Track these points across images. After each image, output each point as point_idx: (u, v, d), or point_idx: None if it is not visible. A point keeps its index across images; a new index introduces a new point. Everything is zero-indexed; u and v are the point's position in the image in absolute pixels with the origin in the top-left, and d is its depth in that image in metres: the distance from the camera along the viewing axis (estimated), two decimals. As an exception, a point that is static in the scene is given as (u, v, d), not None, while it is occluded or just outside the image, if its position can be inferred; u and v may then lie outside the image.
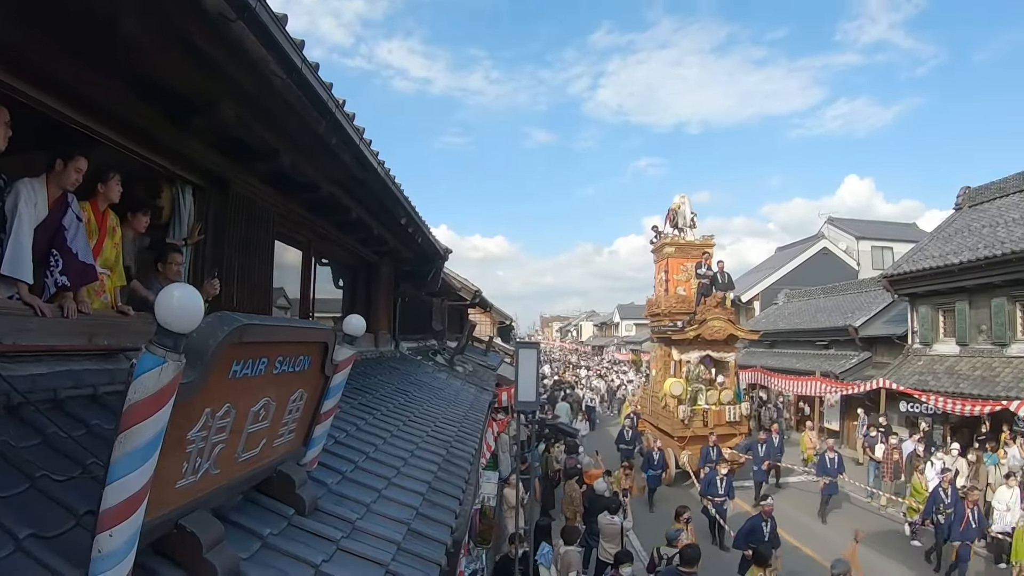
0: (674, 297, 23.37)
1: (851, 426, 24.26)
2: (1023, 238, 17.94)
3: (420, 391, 8.93)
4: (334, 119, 4.64)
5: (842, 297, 31.46)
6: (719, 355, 21.39)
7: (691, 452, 19.23)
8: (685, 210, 23.95)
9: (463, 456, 6.24)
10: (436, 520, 4.29)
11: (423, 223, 8.97)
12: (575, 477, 14.98)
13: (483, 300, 23.05)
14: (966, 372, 19.11)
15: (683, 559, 8.38)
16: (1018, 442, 15.64)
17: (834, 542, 14.25)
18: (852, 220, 49.57)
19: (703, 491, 15.41)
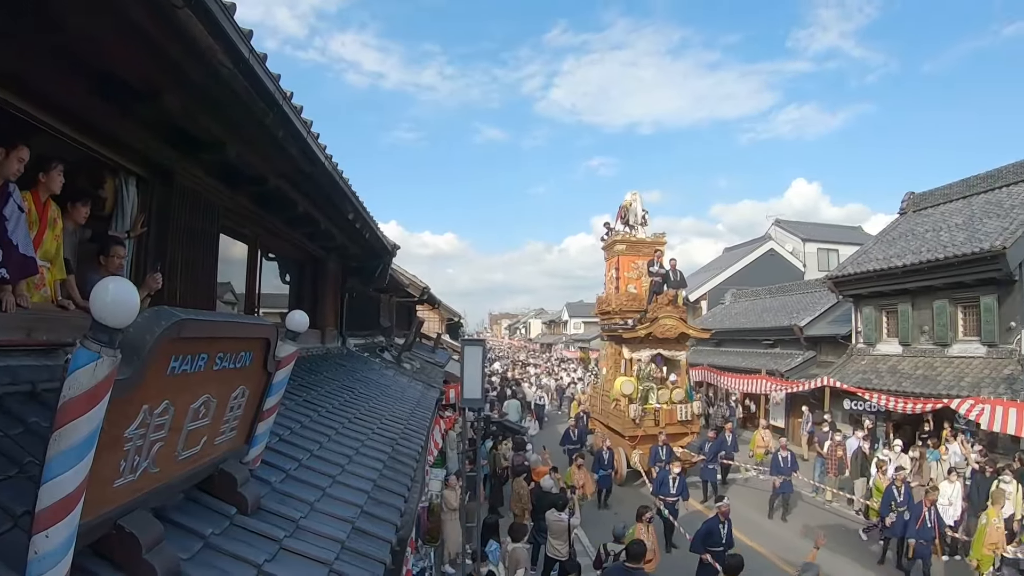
0: (625, 295, 23.01)
1: (796, 423, 24.71)
2: (965, 242, 18.41)
3: (367, 388, 8.84)
4: (281, 111, 4.56)
5: (788, 297, 32.03)
6: (670, 353, 21.19)
7: (642, 451, 19.07)
8: (636, 207, 23.72)
9: (409, 453, 6.19)
10: (381, 518, 4.24)
11: (371, 219, 8.89)
12: (523, 474, 14.99)
13: (431, 297, 23.01)
14: (908, 371, 19.56)
15: (629, 555, 8.35)
16: (959, 439, 16.21)
17: (787, 540, 14.66)
18: (799, 222, 50.36)
19: (655, 491, 15.17)
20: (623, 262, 23.34)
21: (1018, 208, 18.48)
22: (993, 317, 17.72)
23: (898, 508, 12.75)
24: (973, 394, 16.14)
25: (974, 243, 17.92)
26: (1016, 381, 15.84)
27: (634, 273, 23.13)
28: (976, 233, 18.65)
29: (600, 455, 17.97)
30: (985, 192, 21.37)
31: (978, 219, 19.66)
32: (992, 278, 17.46)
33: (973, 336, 18.64)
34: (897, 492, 13.13)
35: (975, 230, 18.94)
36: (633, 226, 23.67)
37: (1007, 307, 17.50)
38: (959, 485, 13.83)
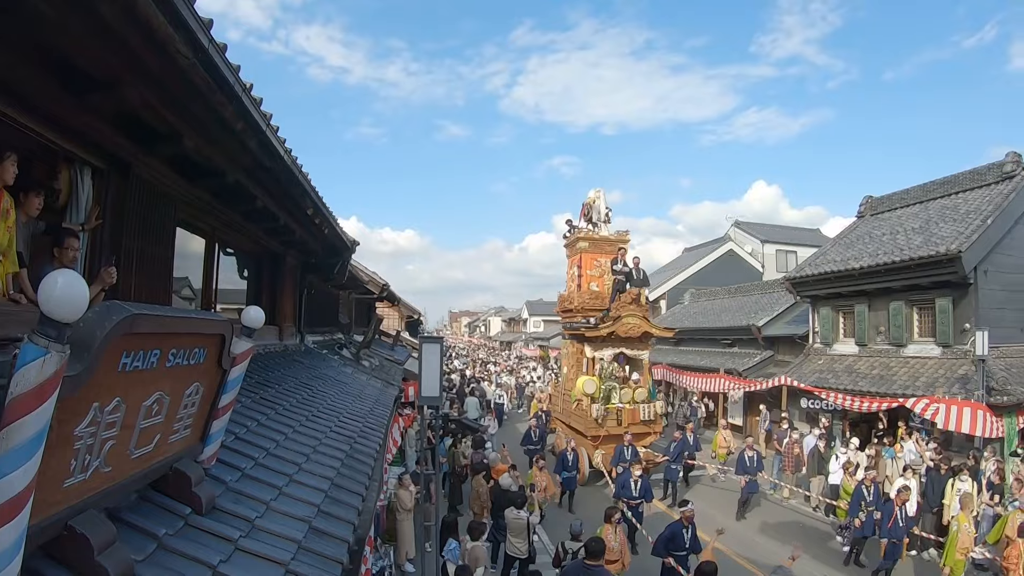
0: (587, 293, 22.68)
1: (754, 421, 24.94)
2: (921, 246, 18.75)
3: (325, 385, 8.75)
4: (240, 104, 4.48)
5: (746, 298, 32.34)
6: (633, 353, 21.11)
7: (605, 451, 18.86)
8: (600, 205, 23.46)
9: (367, 452, 6.13)
10: (338, 517, 4.19)
11: (330, 214, 8.80)
12: (482, 472, 14.94)
13: (391, 294, 22.85)
14: (864, 371, 19.89)
15: (588, 552, 8.32)
16: (914, 437, 16.57)
17: (753, 540, 14.76)
18: (758, 224, 50.89)
19: (617, 493, 14.79)
20: (586, 260, 23.00)
21: (973, 213, 18.83)
22: (948, 319, 18.11)
23: (868, 508, 12.80)
24: (928, 393, 16.47)
25: (930, 247, 18.23)
26: (970, 381, 16.12)
27: (597, 271, 22.90)
28: (932, 237, 18.96)
29: (564, 456, 17.48)
30: (941, 197, 21.75)
31: (934, 223, 19.99)
32: (947, 281, 17.83)
33: (928, 337, 19.03)
34: (867, 492, 13.15)
35: (931, 234, 19.27)
36: (596, 223, 23.41)
37: (961, 309, 17.91)
38: (914, 482, 14.07)
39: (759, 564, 13.24)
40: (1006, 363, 17.37)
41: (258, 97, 4.81)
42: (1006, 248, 18.61)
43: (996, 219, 18.02)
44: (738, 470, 16.84)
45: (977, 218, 18.22)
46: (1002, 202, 18.66)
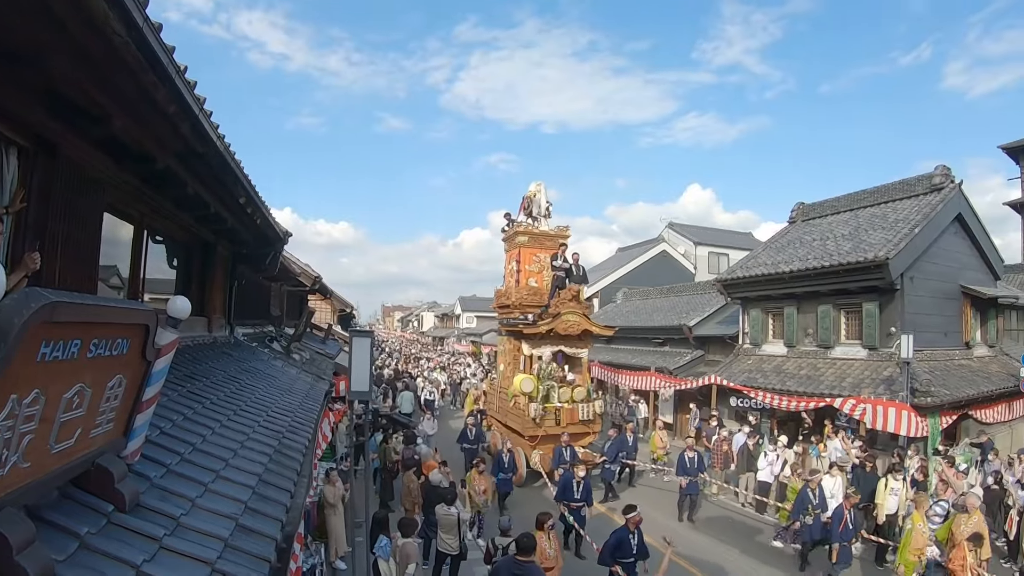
0: (525, 289, 21.87)
1: (684, 419, 25.24)
2: (851, 252, 19.31)
3: (254, 379, 8.56)
4: (173, 86, 4.32)
5: (678, 298, 32.89)
6: (572, 351, 20.43)
7: (543, 452, 18.41)
8: (541, 199, 22.84)
9: (296, 447, 5.99)
10: (266, 514, 4.07)
11: (263, 204, 8.60)
12: (413, 468, 14.81)
13: (323, 286, 22.54)
14: (792, 371, 20.40)
15: (519, 548, 8.26)
16: (840, 435, 16.93)
17: (697, 543, 14.67)
18: (692, 226, 51.69)
19: (559, 496, 14.30)
20: (524, 254, 22.22)
21: (902, 222, 19.46)
22: (875, 322, 18.72)
23: (814, 511, 12.84)
24: (854, 394, 17.10)
25: (859, 253, 18.78)
26: (895, 382, 16.67)
27: (536, 266, 22.23)
28: (861, 243, 19.55)
29: (500, 457, 16.80)
30: (871, 206, 22.49)
31: (864, 230, 20.61)
32: (875, 286, 18.45)
33: (855, 340, 19.63)
34: (812, 495, 13.14)
35: (860, 240, 19.87)
36: (536, 218, 22.77)
37: (888, 313, 18.52)
38: (840, 478, 14.36)
39: (690, 559, 13.35)
40: (930, 366, 18.00)
41: (192, 80, 4.66)
42: (932, 256, 19.44)
43: (923, 228, 18.70)
44: (679, 471, 16.63)
45: (905, 227, 18.86)
46: (930, 212, 19.37)
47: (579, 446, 18.29)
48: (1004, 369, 21.03)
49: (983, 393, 18.05)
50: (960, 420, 18.22)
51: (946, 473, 13.81)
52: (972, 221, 21.51)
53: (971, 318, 21.48)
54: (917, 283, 18.85)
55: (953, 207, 20.46)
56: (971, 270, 21.79)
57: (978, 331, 22.11)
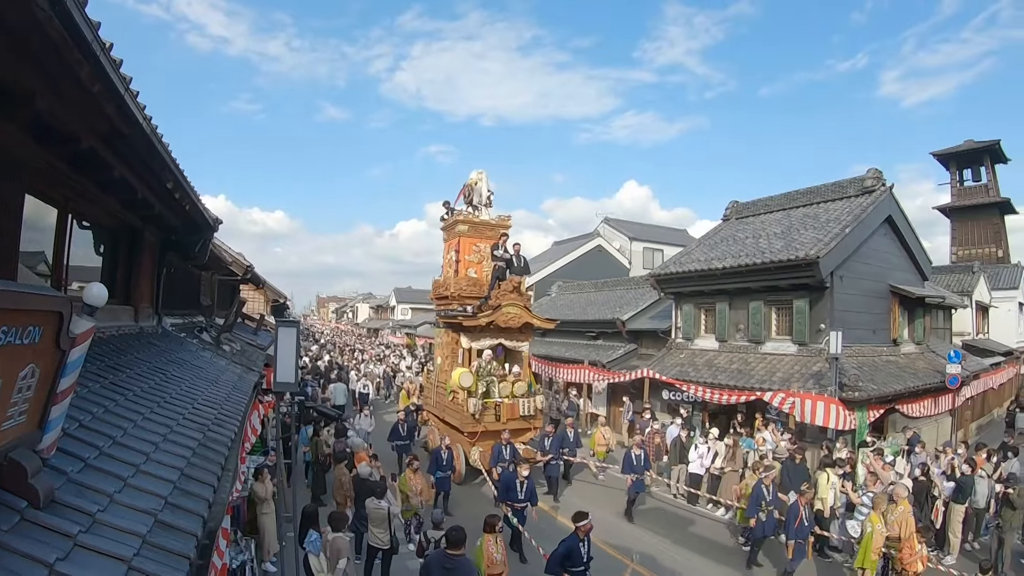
0: (464, 279, 21.13)
1: (617, 412, 25.44)
2: (782, 250, 19.69)
3: (180, 370, 8.33)
4: (98, 64, 4.15)
5: (612, 292, 33.13)
6: (512, 344, 20.00)
7: (482, 449, 18.02)
8: (482, 187, 22.01)
9: (221, 440, 5.82)
10: (187, 510, 3.93)
11: (192, 189, 8.36)
12: (344, 461, 14.63)
13: (255, 276, 22.09)
14: (724, 365, 20.72)
15: (449, 542, 8.23)
16: (770, 428, 17.46)
17: (631, 533, 14.84)
18: (627, 222, 52.14)
19: (501, 496, 13.74)
20: (464, 244, 21.49)
21: (833, 222, 19.93)
22: (804, 319, 19.13)
23: (767, 508, 12.91)
24: (784, 388, 17.42)
25: (791, 251, 19.14)
26: (824, 377, 17.08)
27: (475, 256, 21.53)
28: (793, 242, 19.93)
29: (438, 454, 16.21)
30: (804, 206, 23.00)
31: (796, 230, 21.05)
32: (805, 284, 18.82)
33: (785, 335, 20.03)
34: (766, 491, 13.11)
35: (792, 239, 20.27)
36: (477, 206, 22.02)
37: (817, 310, 18.94)
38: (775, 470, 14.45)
39: (621, 549, 13.46)
40: (858, 362, 18.44)
41: (118, 59, 4.49)
42: (862, 256, 19.97)
43: (854, 229, 19.17)
44: (624, 469, 16.34)
45: (836, 227, 19.33)
46: (860, 213, 19.87)
47: (519, 442, 18.03)
48: (930, 366, 21.72)
49: (910, 389, 18.62)
50: (887, 414, 18.75)
51: (874, 465, 14.21)
52: (902, 223, 22.23)
53: (899, 316, 22.12)
54: (847, 282, 19.31)
55: (884, 209, 21.05)
56: (900, 270, 22.48)
57: (906, 329, 22.74)
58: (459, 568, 8.06)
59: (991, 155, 48.95)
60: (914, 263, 23.49)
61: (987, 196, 49.11)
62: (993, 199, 48.87)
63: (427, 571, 8.32)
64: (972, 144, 48.91)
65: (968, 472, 14.02)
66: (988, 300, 36.07)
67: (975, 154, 49.38)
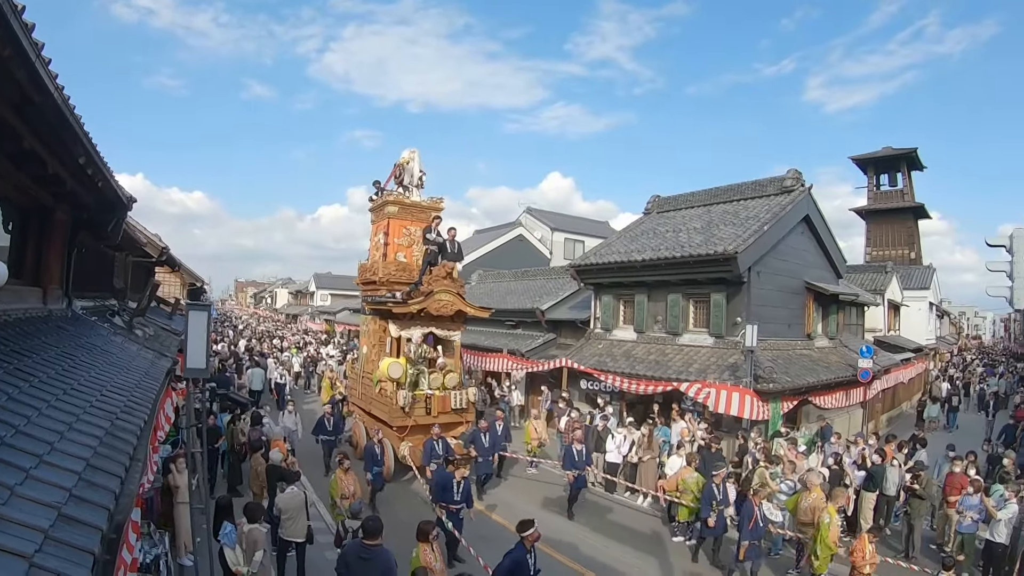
0: (393, 263, 20.06)
1: (535, 401, 25.42)
2: (701, 244, 20.05)
3: (90, 356, 8.01)
4: (8, 27, 3.94)
5: (532, 281, 33.44)
6: (444, 333, 19.09)
7: (412, 444, 17.03)
8: (414, 167, 20.86)
9: (130, 429, 5.59)
10: (92, 503, 3.74)
11: (105, 166, 8.04)
12: (261, 450, 14.31)
13: (171, 258, 21.39)
14: (642, 356, 21.00)
15: (366, 532, 8.12)
16: (686, 417, 17.88)
17: (550, 523, 14.55)
18: (550, 212, 52.61)
19: (436, 498, 12.63)
20: (394, 226, 20.41)
21: (752, 219, 20.38)
22: (721, 312, 19.56)
23: (718, 507, 12.68)
24: (700, 379, 17.70)
25: (710, 246, 19.50)
26: (739, 369, 17.44)
27: (405, 240, 20.52)
28: (712, 237, 20.30)
29: (371, 450, 15.38)
30: (724, 203, 23.47)
31: (716, 225, 21.43)
32: (723, 278, 19.22)
33: (703, 328, 20.45)
34: (717, 490, 12.82)
35: (712, 234, 20.65)
36: (408, 187, 20.87)
37: (734, 304, 19.38)
38: (685, 460, 14.73)
39: (568, 552, 13.33)
40: (773, 355, 18.91)
41: (29, 22, 4.27)
42: (779, 253, 20.49)
43: (772, 227, 19.64)
44: (566, 464, 15.85)
45: (755, 224, 19.78)
46: (779, 212, 20.39)
47: (450, 437, 17.16)
48: (843, 360, 22.49)
49: (822, 381, 19.20)
50: (801, 405, 19.28)
51: (788, 453, 14.66)
52: (819, 223, 22.91)
53: (814, 312, 22.79)
54: (764, 277, 19.77)
55: (801, 209, 21.63)
56: (816, 268, 23.16)
57: (820, 324, 23.44)
58: (376, 558, 7.97)
59: (908, 162, 51.30)
60: (829, 261, 24.25)
61: (902, 201, 51.47)
62: (908, 204, 51.32)
63: (344, 561, 8.21)
64: (890, 151, 51.11)
65: (878, 462, 14.50)
66: (900, 299, 37.57)
67: (893, 160, 51.68)
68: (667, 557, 13.28)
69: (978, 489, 12.80)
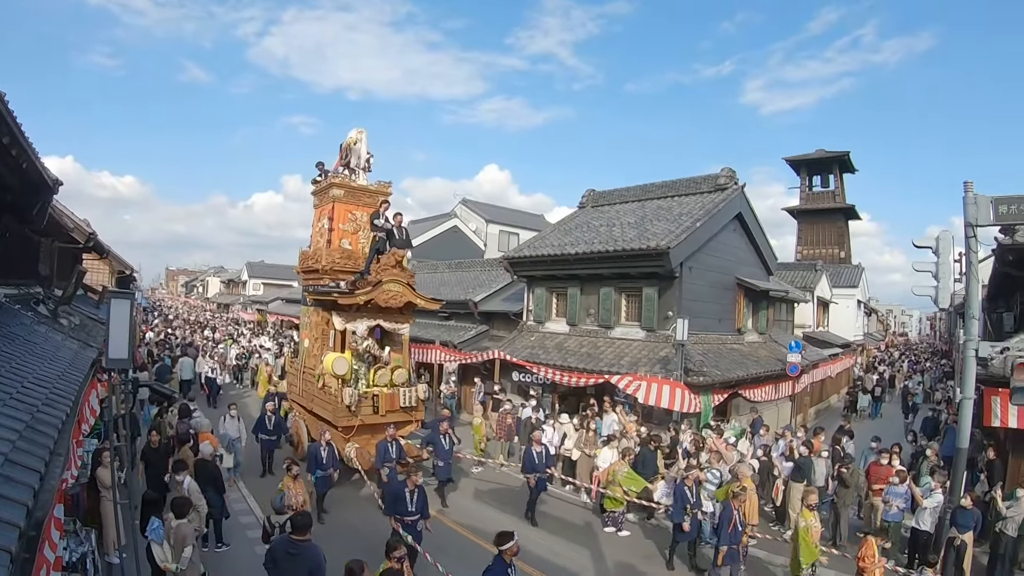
0: (338, 251, 18.46)
1: (468, 392, 25.59)
2: (635, 239, 20.27)
3: (11, 346, 7.77)
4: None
5: (466, 273, 33.41)
6: (392, 326, 17.59)
7: (359, 445, 15.83)
8: (361, 148, 19.27)
9: (51, 422, 5.44)
10: (10, 499, 3.63)
11: (30, 147, 7.79)
12: (189, 443, 13.97)
13: (99, 244, 20.65)
14: (574, 349, 21.18)
15: (294, 527, 8.04)
16: (618, 409, 17.84)
17: (468, 507, 15.01)
18: (485, 204, 52.73)
19: (388, 510, 11.59)
20: (339, 211, 18.82)
21: (685, 216, 20.74)
22: (653, 306, 19.83)
23: (692, 511, 12.30)
24: (631, 371, 17.88)
25: (643, 241, 19.72)
26: (670, 362, 17.72)
27: (351, 226, 18.95)
28: (646, 232, 20.56)
29: (316, 451, 14.26)
30: (658, 199, 23.91)
31: (649, 220, 21.76)
32: (656, 273, 19.46)
33: (634, 321, 20.73)
34: (689, 493, 12.46)
35: (645, 229, 20.92)
36: (355, 169, 19.32)
37: (666, 299, 19.67)
38: (614, 452, 14.93)
39: (477, 531, 13.51)
40: (704, 348, 19.31)
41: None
42: (711, 250, 20.87)
43: (705, 223, 20.05)
44: (526, 467, 14.93)
45: (688, 220, 20.15)
46: (712, 209, 20.81)
47: (399, 437, 15.82)
48: (772, 354, 23.00)
49: (752, 375, 19.66)
50: (731, 398, 19.63)
51: (716, 444, 15.01)
52: (751, 221, 23.45)
53: (744, 307, 23.26)
54: (695, 272, 20.09)
55: (734, 206, 22.12)
56: (747, 265, 23.66)
57: (750, 319, 23.95)
58: (304, 553, 7.89)
59: (840, 164, 52.96)
60: (761, 259, 24.83)
61: (834, 202, 53.17)
62: (839, 205, 53.09)
63: (272, 557, 8.10)
64: (823, 153, 52.67)
65: (806, 453, 14.78)
66: (829, 296, 38.81)
67: (826, 162, 53.34)
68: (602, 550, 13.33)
69: (903, 479, 13.26)
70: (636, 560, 12.85)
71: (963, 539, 11.53)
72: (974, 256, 11.51)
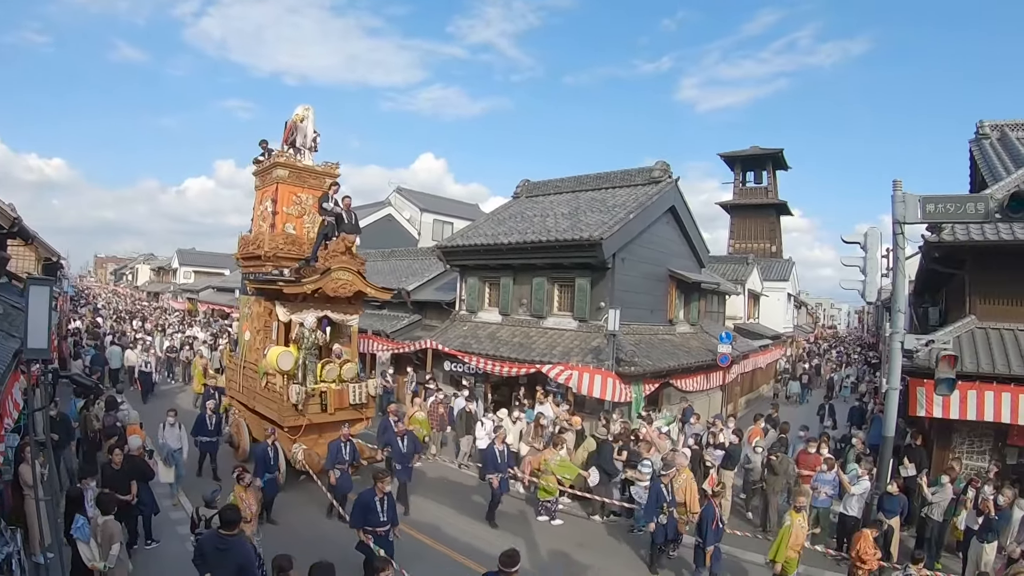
0: (282, 236, 17.05)
1: (401, 382, 25.26)
2: (568, 230, 20.53)
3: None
4: None
5: (399, 262, 33.76)
6: (340, 317, 16.61)
7: (306, 446, 14.76)
8: (308, 127, 17.82)
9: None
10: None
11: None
12: (115, 437, 13.45)
13: (24, 230, 19.88)
14: (506, 338, 21.38)
15: (223, 521, 7.96)
16: (550, 399, 18.08)
17: (420, 506, 14.59)
18: (420, 193, 52.77)
19: (356, 522, 10.27)
20: (283, 193, 17.26)
21: (619, 207, 21.02)
22: (586, 297, 20.08)
23: (668, 509, 11.82)
24: (563, 361, 18.13)
25: (576, 231, 19.94)
26: (602, 352, 18.00)
27: (296, 209, 17.47)
28: (579, 223, 20.80)
29: (264, 453, 13.29)
30: (592, 190, 24.15)
31: (583, 211, 22.01)
32: (588, 263, 19.72)
33: (567, 311, 20.95)
34: (665, 490, 12.04)
35: (579, 220, 21.18)
36: (300, 149, 17.85)
37: (598, 289, 19.91)
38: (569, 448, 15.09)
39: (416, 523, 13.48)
40: (636, 339, 19.62)
41: None
42: (644, 242, 21.19)
43: (638, 215, 20.38)
44: (488, 467, 14.31)
45: (622, 212, 20.44)
46: (646, 201, 21.12)
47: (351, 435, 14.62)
48: (703, 345, 23.54)
49: (683, 365, 20.01)
50: (662, 388, 20.04)
51: (649, 434, 15.38)
52: (684, 214, 23.89)
53: (676, 299, 23.77)
54: (628, 264, 20.36)
55: (668, 199, 22.52)
56: (679, 257, 24.09)
57: (682, 311, 24.44)
58: (233, 548, 7.81)
59: (773, 161, 54.37)
60: (693, 251, 25.24)
61: (766, 197, 54.62)
62: (772, 200, 54.61)
63: (200, 552, 8.04)
64: (757, 150, 54.06)
65: (735, 442, 15.16)
66: (760, 289, 39.77)
67: (759, 159, 54.73)
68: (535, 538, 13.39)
69: (832, 467, 13.65)
70: (570, 548, 12.92)
71: (890, 524, 12.03)
72: (901, 252, 11.95)
